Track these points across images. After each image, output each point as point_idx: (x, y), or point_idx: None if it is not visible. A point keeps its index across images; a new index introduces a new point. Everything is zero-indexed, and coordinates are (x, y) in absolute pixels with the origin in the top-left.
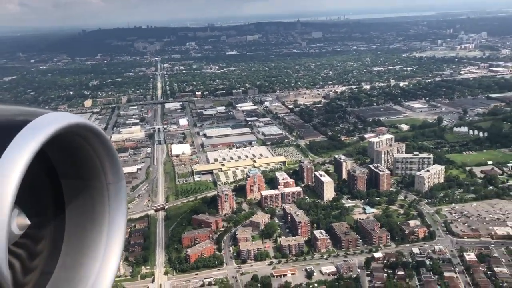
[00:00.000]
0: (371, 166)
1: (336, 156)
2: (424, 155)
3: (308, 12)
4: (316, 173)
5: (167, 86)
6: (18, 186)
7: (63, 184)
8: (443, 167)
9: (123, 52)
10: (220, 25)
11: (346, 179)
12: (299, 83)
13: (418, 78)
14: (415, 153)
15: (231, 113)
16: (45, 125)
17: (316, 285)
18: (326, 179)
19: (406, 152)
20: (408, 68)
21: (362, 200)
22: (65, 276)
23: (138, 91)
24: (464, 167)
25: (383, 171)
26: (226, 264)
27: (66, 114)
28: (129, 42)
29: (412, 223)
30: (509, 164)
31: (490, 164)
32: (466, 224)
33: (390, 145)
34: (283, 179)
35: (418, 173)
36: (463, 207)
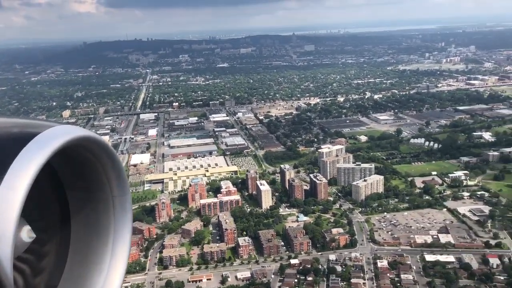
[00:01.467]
0: (311, 175)
1: (282, 166)
2: (366, 165)
3: (311, 26)
4: (258, 182)
5: (148, 98)
6: (24, 199)
7: (69, 196)
8: (381, 177)
9: (116, 64)
10: (220, 38)
11: (287, 188)
12: (277, 95)
13: (394, 90)
14: (357, 163)
15: (202, 123)
16: (52, 138)
17: None
18: (264, 187)
19: (355, 163)
20: (388, 81)
21: (299, 209)
22: None
23: (118, 102)
24: (407, 178)
25: (320, 181)
26: (148, 270)
27: (73, 127)
28: (125, 54)
29: (335, 231)
30: (451, 175)
31: (433, 175)
32: (389, 233)
33: (337, 156)
34: (225, 188)
35: (354, 183)
36: (394, 216)
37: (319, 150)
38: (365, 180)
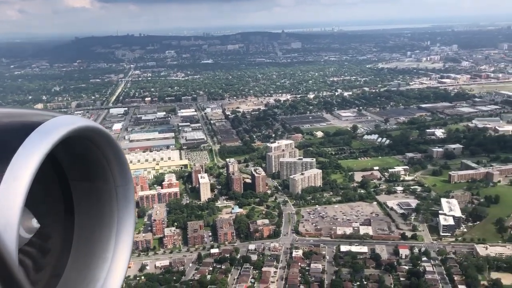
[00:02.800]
0: (252, 169)
1: (227, 159)
2: (307, 159)
3: (306, 23)
4: (199, 175)
5: (124, 92)
6: (28, 189)
7: (72, 186)
8: (319, 171)
9: (103, 59)
10: (213, 34)
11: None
12: (251, 91)
13: (365, 88)
14: (299, 158)
15: (169, 118)
16: (55, 128)
17: (143, 277)
18: (203, 180)
19: (304, 157)
20: (363, 79)
21: (236, 201)
22: (75, 278)
23: (93, 97)
24: (348, 172)
25: (259, 174)
26: None
27: (76, 117)
28: (113, 49)
29: (260, 222)
30: (390, 170)
31: (374, 170)
32: (314, 224)
33: (283, 150)
34: (168, 181)
35: (292, 176)
36: (325, 208)
37: (268, 145)
38: (302, 174)
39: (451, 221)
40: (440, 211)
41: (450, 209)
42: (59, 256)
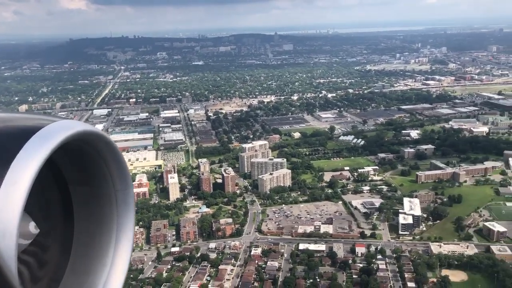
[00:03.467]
0: (222, 169)
1: (199, 160)
2: (278, 160)
3: (302, 26)
4: (169, 175)
5: (110, 94)
6: (28, 194)
7: (72, 191)
8: (289, 171)
9: (94, 60)
10: (207, 36)
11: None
12: (237, 92)
13: (350, 90)
14: (269, 158)
15: (150, 119)
16: (54, 133)
17: None
18: (172, 180)
19: (278, 158)
20: (349, 81)
21: (204, 200)
22: (74, 283)
23: (79, 98)
24: (318, 172)
25: (228, 174)
26: None
27: (75, 122)
28: (105, 51)
29: (223, 221)
30: (360, 170)
31: (345, 170)
32: (277, 223)
33: (256, 151)
34: (138, 181)
35: (260, 176)
36: (290, 207)
37: (243, 146)
38: (271, 174)
39: (410, 220)
40: (400, 210)
41: (411, 208)
42: (58, 261)
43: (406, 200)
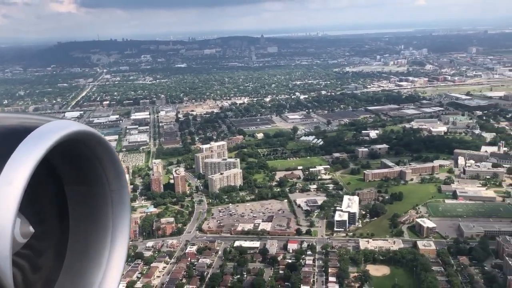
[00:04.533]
0: (173, 169)
1: (154, 161)
2: (231, 160)
3: (292, 28)
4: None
5: (87, 96)
6: (22, 194)
7: (67, 191)
8: (240, 170)
9: (78, 63)
10: (198, 39)
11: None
12: (212, 94)
13: (323, 91)
14: (223, 158)
15: (120, 121)
16: (49, 133)
17: None
18: None
19: (237, 158)
20: (325, 82)
21: (153, 201)
22: (70, 283)
23: (54, 101)
24: (271, 172)
25: (178, 174)
26: None
27: (70, 122)
28: (91, 54)
29: (163, 220)
30: (311, 169)
31: (298, 169)
32: (218, 222)
33: (212, 151)
34: None
35: (210, 176)
36: (237, 206)
37: (201, 146)
38: (221, 174)
39: (345, 217)
40: (337, 208)
41: (348, 205)
42: (53, 261)
43: (346, 197)
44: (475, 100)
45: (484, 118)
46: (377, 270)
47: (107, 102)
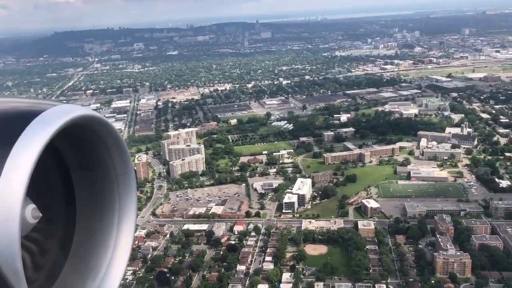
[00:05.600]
0: (136, 156)
1: None
2: (195, 146)
3: (293, 12)
4: None
5: (74, 86)
6: (29, 178)
7: (73, 175)
8: (201, 156)
9: (71, 53)
10: (194, 26)
11: None
12: (197, 81)
13: (307, 76)
14: (187, 144)
15: (100, 110)
16: (55, 117)
17: None
18: None
19: (205, 145)
20: (310, 67)
21: None
22: (77, 266)
23: (40, 91)
24: (236, 157)
25: (139, 161)
26: None
27: (76, 106)
28: (84, 43)
29: None
30: (275, 153)
31: (263, 154)
32: (172, 206)
33: (177, 138)
34: None
35: (171, 162)
36: (195, 191)
37: (168, 133)
38: (182, 159)
39: (294, 199)
40: (288, 190)
41: (299, 188)
42: (61, 245)
43: (298, 180)
44: (453, 82)
45: (458, 99)
46: (314, 250)
47: (91, 91)
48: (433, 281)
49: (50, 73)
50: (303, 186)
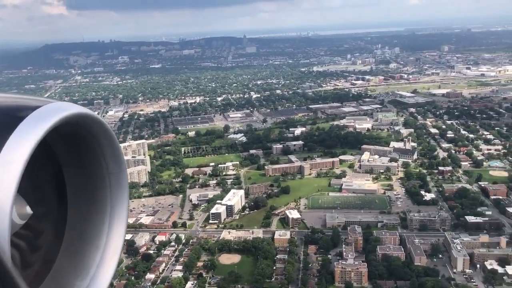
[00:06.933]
0: None
1: None
2: (140, 157)
3: (285, 28)
4: None
5: (47, 97)
6: (21, 175)
7: (65, 173)
8: (144, 167)
9: (56, 65)
10: (184, 39)
11: None
12: (170, 94)
13: (278, 91)
14: (132, 156)
15: None
16: (48, 115)
17: None
18: None
19: (155, 157)
20: (284, 82)
21: None
22: (67, 265)
23: None
24: (181, 168)
25: None
26: None
27: (69, 104)
28: (71, 56)
29: None
30: (220, 165)
31: (210, 165)
32: None
33: (126, 149)
34: None
35: None
36: (132, 202)
37: (122, 144)
38: None
39: (221, 210)
40: (218, 201)
41: (229, 199)
42: (51, 243)
43: (231, 191)
44: (415, 98)
45: (414, 114)
46: (228, 259)
47: None
48: None
49: (29, 84)
50: (234, 197)
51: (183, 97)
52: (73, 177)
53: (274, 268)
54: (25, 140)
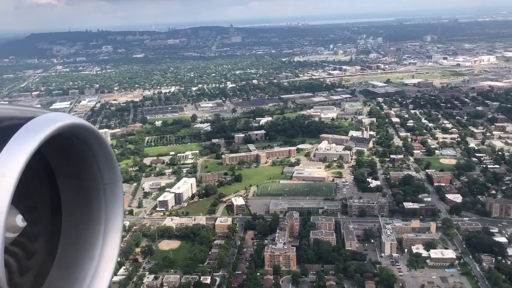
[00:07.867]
0: None
1: None
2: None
3: (277, 18)
4: None
5: (25, 87)
6: (15, 186)
7: (60, 184)
8: None
9: (38, 55)
10: (174, 28)
11: None
12: (146, 83)
13: (254, 81)
14: None
15: None
16: (43, 125)
17: None
18: None
19: (117, 146)
20: (262, 71)
21: None
22: (61, 276)
23: None
24: (140, 157)
25: None
26: None
27: (64, 114)
28: (54, 45)
29: None
30: (179, 154)
31: (170, 155)
32: None
33: None
34: None
35: None
36: None
37: None
38: None
39: (168, 197)
40: (167, 189)
41: (178, 187)
42: (45, 254)
43: (182, 180)
44: (386, 88)
45: (381, 104)
46: (168, 245)
47: (37, 92)
48: (258, 274)
49: (8, 73)
50: (183, 185)
51: (158, 87)
52: (67, 188)
53: (210, 253)
54: (18, 152)
